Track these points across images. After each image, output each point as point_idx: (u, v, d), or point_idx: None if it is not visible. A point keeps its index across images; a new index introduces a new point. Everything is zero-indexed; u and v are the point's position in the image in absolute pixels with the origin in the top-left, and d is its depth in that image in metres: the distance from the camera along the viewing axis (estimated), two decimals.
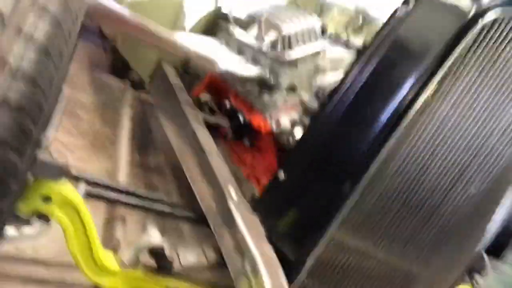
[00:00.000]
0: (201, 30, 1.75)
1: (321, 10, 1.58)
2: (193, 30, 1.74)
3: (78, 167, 1.00)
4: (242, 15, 1.57)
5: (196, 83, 1.95)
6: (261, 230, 1.00)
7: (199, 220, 1.18)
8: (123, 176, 1.23)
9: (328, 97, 1.06)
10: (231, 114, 1.64)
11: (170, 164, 2.39)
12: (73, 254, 0.75)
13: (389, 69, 0.94)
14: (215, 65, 1.28)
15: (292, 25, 1.25)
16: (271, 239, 0.99)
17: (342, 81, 1.03)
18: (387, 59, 0.94)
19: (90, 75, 2.47)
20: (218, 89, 1.85)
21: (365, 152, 0.92)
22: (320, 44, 1.30)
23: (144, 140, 2.34)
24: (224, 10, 1.73)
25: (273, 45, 1.35)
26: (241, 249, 0.93)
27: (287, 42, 1.26)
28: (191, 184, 1.18)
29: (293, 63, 1.26)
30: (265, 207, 1.07)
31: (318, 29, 1.29)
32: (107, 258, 0.79)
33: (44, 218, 0.72)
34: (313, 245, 0.93)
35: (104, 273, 0.80)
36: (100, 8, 1.10)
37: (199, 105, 1.66)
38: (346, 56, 1.40)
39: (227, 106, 1.63)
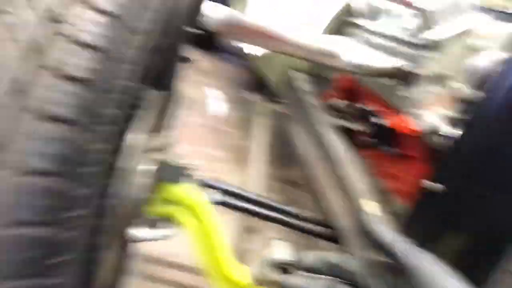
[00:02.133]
0: (331, 32, 1.65)
1: None
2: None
3: (215, 177, 1.00)
4: (367, 5, 1.41)
5: (326, 87, 1.84)
6: None
7: (334, 237, 1.05)
8: (257, 188, 1.20)
9: (492, 83, 0.83)
10: (365, 117, 1.47)
11: (306, 177, 2.31)
12: (199, 259, 0.73)
13: None
14: (337, 58, 1.14)
15: (435, 1, 1.04)
16: None
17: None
18: None
19: (232, 93, 2.60)
20: (351, 92, 1.70)
21: None
22: (472, 19, 1.04)
23: (282, 153, 2.32)
24: (352, 5, 1.59)
25: (412, 29, 1.14)
26: None
27: (431, 23, 1.04)
28: (320, 198, 1.07)
29: (439, 47, 1.04)
30: (413, 227, 0.87)
31: (468, 1, 1.04)
32: (234, 269, 0.74)
33: (168, 221, 0.73)
34: (486, 276, 0.72)
35: (230, 285, 0.75)
36: (232, 23, 1.08)
37: (332, 110, 1.54)
38: (502, 31, 1.10)
39: (360, 108, 1.46)
